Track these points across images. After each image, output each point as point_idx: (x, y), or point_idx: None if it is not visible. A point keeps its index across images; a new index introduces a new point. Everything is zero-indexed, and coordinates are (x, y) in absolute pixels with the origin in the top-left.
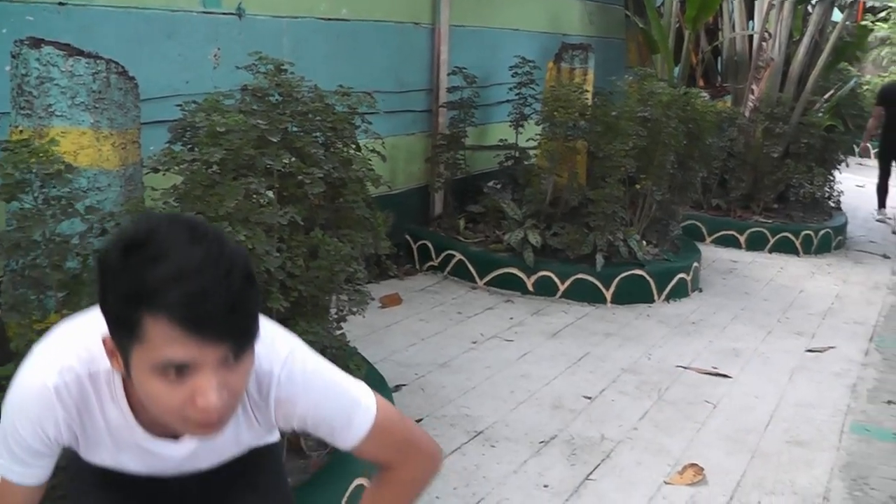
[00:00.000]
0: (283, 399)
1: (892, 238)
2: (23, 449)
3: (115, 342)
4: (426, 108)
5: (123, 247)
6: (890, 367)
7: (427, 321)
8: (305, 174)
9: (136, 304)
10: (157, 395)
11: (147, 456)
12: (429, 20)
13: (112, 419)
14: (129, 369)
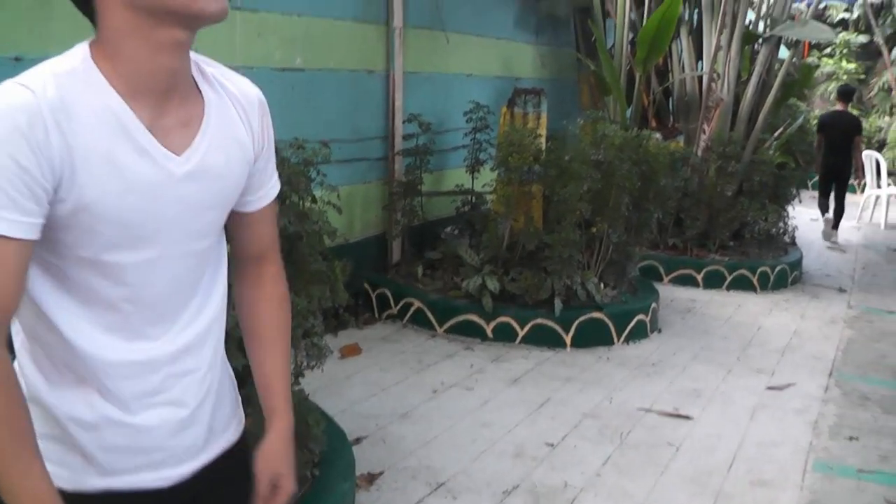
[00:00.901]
0: (264, 120)
1: (848, 271)
2: (8, 182)
3: None
4: (382, 155)
5: None
6: (850, 402)
7: (387, 371)
8: None
9: None
10: None
11: (139, 178)
12: (383, 67)
13: (100, 109)
14: None
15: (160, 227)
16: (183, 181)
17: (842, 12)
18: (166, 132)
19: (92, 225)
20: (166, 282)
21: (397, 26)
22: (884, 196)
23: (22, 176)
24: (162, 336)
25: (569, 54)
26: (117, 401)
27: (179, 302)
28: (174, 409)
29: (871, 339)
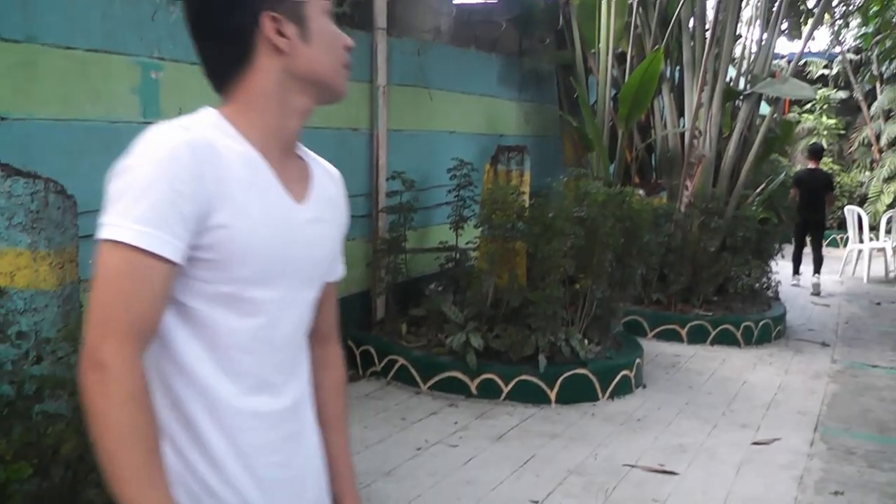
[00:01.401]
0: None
1: (831, 325)
2: (162, 203)
3: (286, 12)
4: (366, 212)
5: None
6: (835, 456)
7: (371, 428)
8: None
9: None
10: (332, 35)
11: (277, 215)
12: (367, 125)
13: (241, 154)
14: (305, 27)
15: (289, 267)
16: (307, 225)
17: (821, 69)
18: (288, 182)
19: (235, 257)
20: (291, 325)
21: (381, 84)
22: (866, 250)
23: (177, 201)
24: (282, 387)
25: (552, 111)
26: (239, 453)
27: (295, 351)
28: (285, 471)
29: (856, 394)
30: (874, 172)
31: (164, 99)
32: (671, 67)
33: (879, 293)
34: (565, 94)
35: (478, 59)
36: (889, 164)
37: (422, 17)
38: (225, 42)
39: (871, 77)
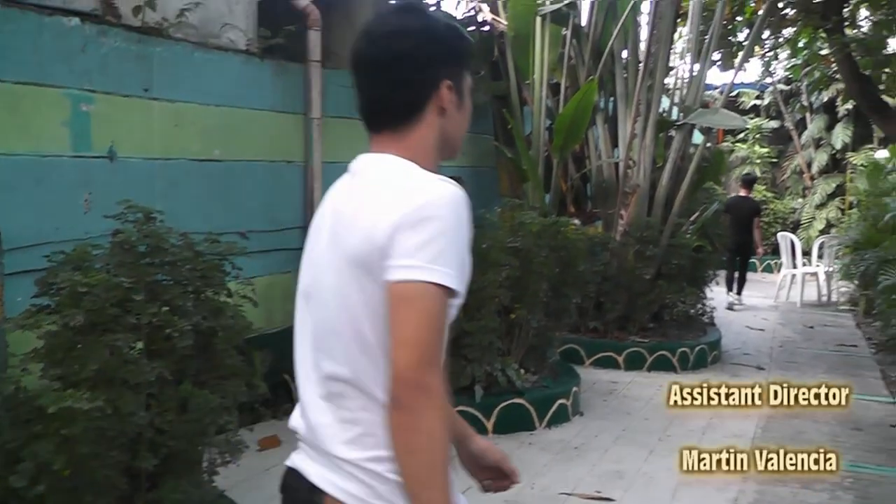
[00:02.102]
0: None
1: (766, 349)
2: (462, 249)
3: (455, 85)
4: (301, 245)
5: (459, 34)
6: (769, 479)
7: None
8: (173, 328)
9: (465, 57)
10: (470, 108)
11: None
12: (301, 158)
13: None
14: (462, 98)
15: None
16: None
17: (754, 99)
18: None
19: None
20: None
21: (316, 117)
22: (799, 275)
23: (466, 246)
24: None
25: (487, 142)
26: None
27: None
28: None
29: (790, 416)
30: (806, 199)
31: (95, 132)
32: (605, 98)
33: (812, 317)
34: (500, 125)
35: None
36: (820, 191)
37: None
38: (406, 94)
39: (801, 107)
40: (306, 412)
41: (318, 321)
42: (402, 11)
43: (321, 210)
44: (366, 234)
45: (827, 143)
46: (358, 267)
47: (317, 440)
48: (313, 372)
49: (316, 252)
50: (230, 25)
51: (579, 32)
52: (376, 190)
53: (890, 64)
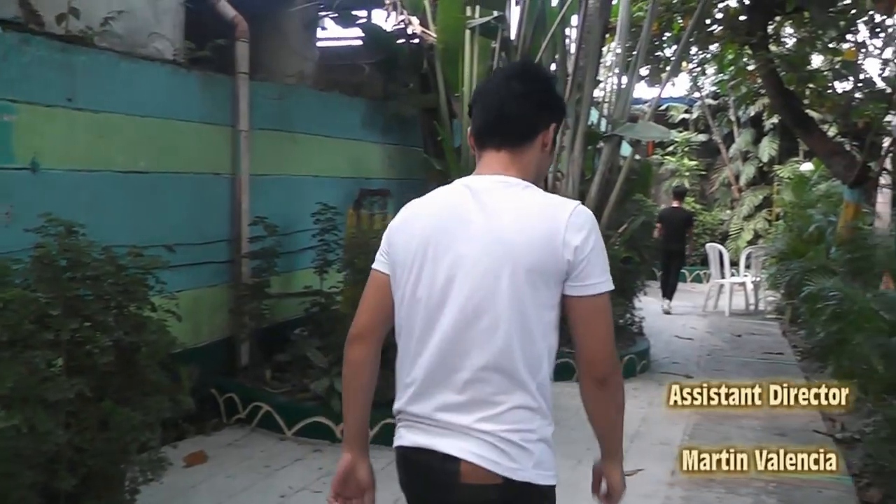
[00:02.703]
0: None
1: (693, 357)
2: None
3: (554, 129)
4: (229, 258)
5: (563, 99)
6: (695, 484)
7: (234, 477)
8: (94, 344)
9: (563, 116)
10: (553, 155)
11: None
12: (229, 170)
13: None
14: (553, 142)
15: None
16: None
17: (682, 113)
18: None
19: None
20: None
21: (243, 129)
22: (727, 285)
23: None
24: None
25: (417, 154)
26: None
27: None
28: None
29: (716, 423)
30: (734, 211)
31: (16, 143)
32: None
33: (740, 326)
34: (430, 138)
35: (342, 102)
36: (748, 203)
37: (285, 61)
38: (528, 126)
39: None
40: (433, 397)
41: (471, 320)
42: (539, 68)
43: (452, 219)
44: (547, 254)
45: (754, 156)
46: (535, 274)
47: (448, 418)
48: (447, 363)
49: (461, 259)
50: (157, 35)
51: (508, 45)
52: (540, 208)
53: (813, 79)
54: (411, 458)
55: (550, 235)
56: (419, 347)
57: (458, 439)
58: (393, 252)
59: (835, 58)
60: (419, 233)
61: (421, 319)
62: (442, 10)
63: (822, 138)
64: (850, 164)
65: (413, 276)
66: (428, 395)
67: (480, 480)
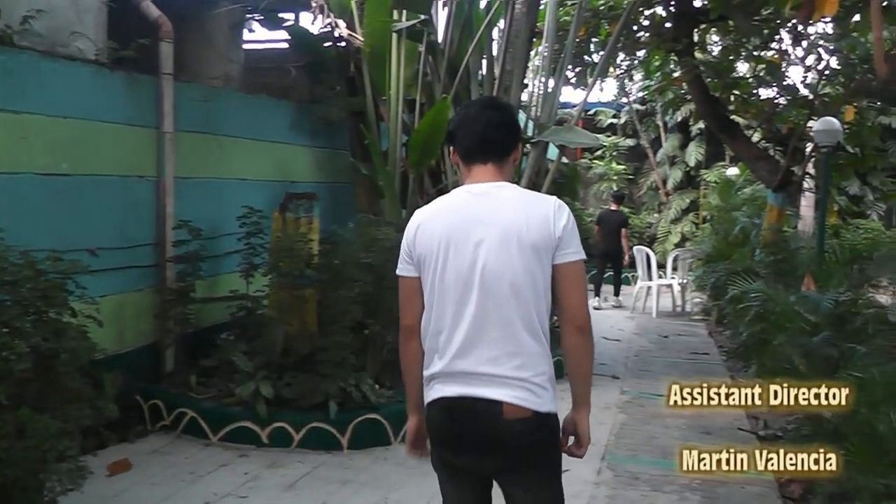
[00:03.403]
0: None
1: (621, 359)
2: None
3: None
4: (153, 262)
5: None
6: (621, 483)
7: (158, 485)
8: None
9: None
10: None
11: None
12: (153, 173)
13: None
14: (516, 159)
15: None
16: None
17: (610, 117)
18: None
19: None
20: None
21: (168, 131)
22: (654, 287)
23: None
24: None
25: (345, 158)
26: None
27: None
28: None
29: (642, 422)
30: (662, 214)
31: None
32: None
33: (667, 327)
34: (357, 141)
35: (268, 105)
36: (675, 207)
37: (210, 62)
38: (506, 146)
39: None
40: (472, 355)
41: (496, 290)
42: (504, 102)
43: (465, 218)
44: (543, 233)
45: (681, 160)
46: (538, 252)
47: (487, 370)
48: (482, 326)
49: (482, 243)
50: (79, 34)
51: (435, 49)
52: (531, 201)
53: (738, 86)
54: (455, 405)
55: (544, 219)
56: (456, 319)
57: (498, 387)
58: (418, 251)
59: (758, 65)
60: (439, 231)
61: (453, 297)
62: (368, 13)
63: (747, 143)
64: (774, 168)
65: (440, 265)
66: (468, 355)
67: (517, 415)
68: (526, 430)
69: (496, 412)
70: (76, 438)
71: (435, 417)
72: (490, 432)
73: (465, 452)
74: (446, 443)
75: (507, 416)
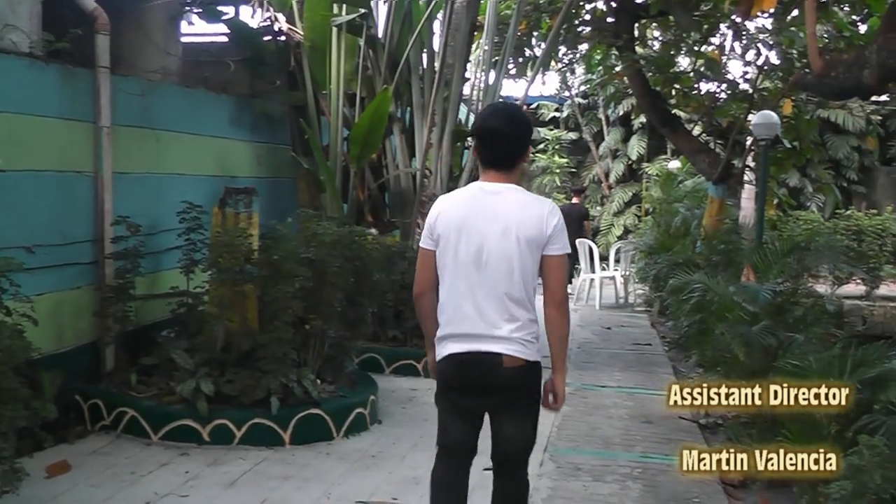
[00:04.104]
0: None
1: None
2: None
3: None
4: (92, 259)
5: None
6: (563, 474)
7: (97, 486)
8: None
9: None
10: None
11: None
12: (90, 168)
13: None
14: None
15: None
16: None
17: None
18: None
19: None
20: None
21: (105, 125)
22: (597, 279)
23: None
24: None
25: (286, 152)
26: None
27: None
28: None
29: (585, 413)
30: (605, 207)
31: None
32: (402, 108)
33: (610, 318)
34: (298, 135)
35: (207, 99)
36: (618, 200)
37: (148, 55)
38: (520, 151)
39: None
40: (481, 320)
41: (497, 271)
42: (525, 116)
43: (477, 211)
44: (537, 230)
45: (623, 153)
46: (532, 244)
47: (490, 332)
48: (488, 302)
49: (488, 235)
50: (12, 27)
51: (375, 43)
52: (531, 203)
53: (679, 80)
54: (466, 359)
55: (539, 218)
56: (466, 292)
57: (500, 343)
58: (437, 232)
59: (699, 60)
60: (456, 218)
61: (465, 273)
62: (308, 7)
63: (688, 137)
64: (715, 161)
65: (454, 246)
66: (475, 320)
67: (514, 364)
68: (520, 374)
69: (498, 362)
70: (9, 440)
71: (447, 369)
72: (493, 378)
73: (469, 395)
74: (455, 388)
75: (506, 364)
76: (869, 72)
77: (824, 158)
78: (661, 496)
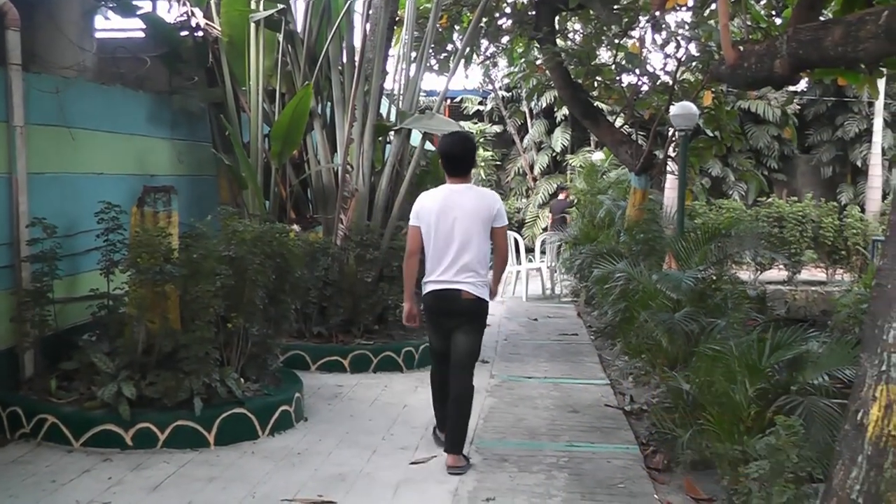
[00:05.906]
0: None
1: (491, 343)
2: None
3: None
4: (7, 263)
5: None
6: (489, 465)
7: (17, 496)
8: None
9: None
10: None
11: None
12: (4, 169)
13: None
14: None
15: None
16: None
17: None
18: None
19: None
20: None
21: (19, 125)
22: (524, 271)
23: None
24: None
25: (206, 148)
26: None
27: None
28: None
29: (511, 405)
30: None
31: None
32: (322, 104)
33: (537, 310)
34: (219, 133)
35: (124, 96)
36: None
37: (61, 52)
38: (471, 167)
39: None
40: (450, 272)
41: (464, 241)
42: (471, 137)
43: (448, 203)
44: (489, 212)
45: (548, 146)
46: (486, 221)
47: (456, 278)
48: (456, 260)
49: (456, 218)
50: None
51: (294, 38)
52: (482, 195)
53: (600, 73)
54: (440, 293)
55: (489, 205)
56: (444, 256)
57: (461, 285)
58: (422, 216)
59: (619, 52)
60: (435, 207)
61: (443, 245)
62: (225, 2)
63: (610, 129)
64: (637, 152)
65: (434, 226)
66: (448, 272)
67: (469, 297)
68: (472, 304)
69: (458, 296)
70: None
71: (430, 299)
72: (456, 305)
73: (442, 316)
74: (435, 311)
75: (464, 297)
76: (780, 62)
77: (745, 148)
78: (586, 484)
